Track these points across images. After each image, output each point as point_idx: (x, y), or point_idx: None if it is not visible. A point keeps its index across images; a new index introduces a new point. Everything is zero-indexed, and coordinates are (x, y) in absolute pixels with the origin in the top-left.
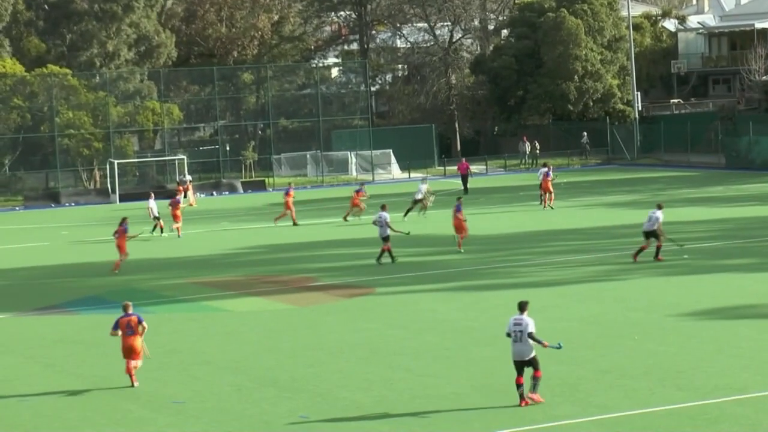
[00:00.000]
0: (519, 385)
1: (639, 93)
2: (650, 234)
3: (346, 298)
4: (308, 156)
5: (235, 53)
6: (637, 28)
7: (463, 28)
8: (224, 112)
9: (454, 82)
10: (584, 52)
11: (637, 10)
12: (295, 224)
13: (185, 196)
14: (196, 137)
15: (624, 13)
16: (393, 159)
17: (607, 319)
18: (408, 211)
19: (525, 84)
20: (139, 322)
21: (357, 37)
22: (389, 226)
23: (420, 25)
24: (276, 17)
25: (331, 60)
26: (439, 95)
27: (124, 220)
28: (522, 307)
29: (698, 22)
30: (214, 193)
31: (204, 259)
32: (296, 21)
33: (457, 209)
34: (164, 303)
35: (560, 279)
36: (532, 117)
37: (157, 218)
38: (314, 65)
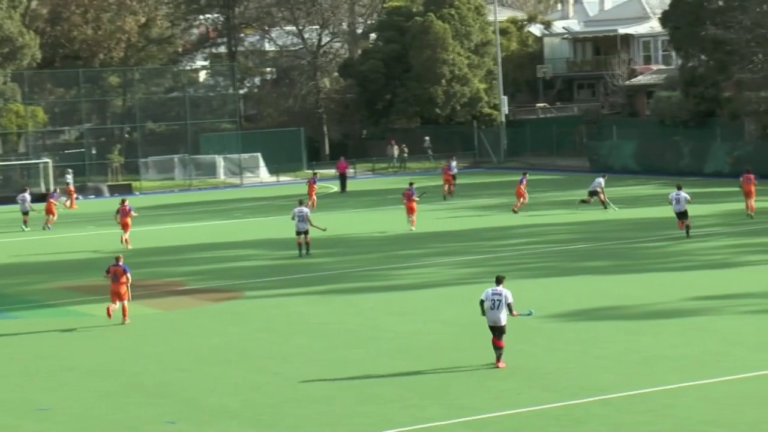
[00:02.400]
0: (497, 347)
1: (506, 97)
2: (683, 214)
3: (214, 302)
4: (176, 159)
5: (102, 55)
6: (503, 32)
7: (331, 31)
8: (90, 114)
9: (322, 85)
10: (452, 57)
11: (504, 15)
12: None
13: (58, 198)
14: (62, 140)
15: (491, 18)
16: (261, 162)
17: (475, 321)
18: (583, 201)
19: (393, 88)
20: (124, 272)
21: (225, 40)
22: (309, 221)
23: (288, 28)
24: (143, 19)
25: (199, 63)
26: (308, 99)
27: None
28: (499, 280)
29: (563, 27)
30: (80, 196)
31: (71, 264)
32: (163, 23)
33: (521, 182)
34: (30, 308)
35: (429, 282)
36: (400, 120)
37: (25, 213)
38: (182, 68)
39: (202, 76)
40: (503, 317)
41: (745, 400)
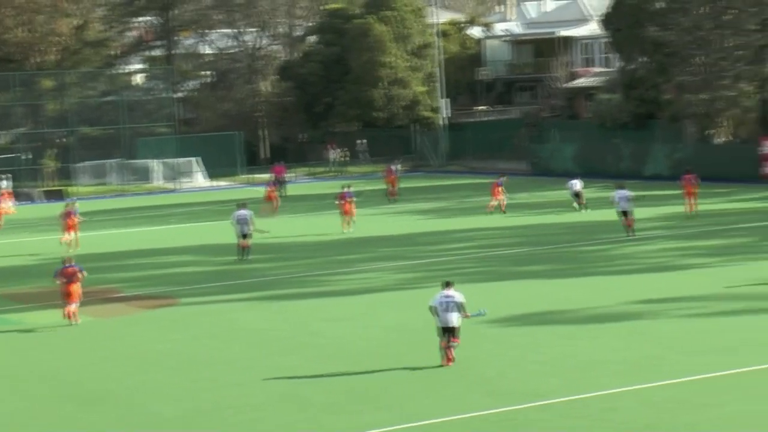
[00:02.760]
0: (443, 348)
1: (446, 100)
2: (628, 212)
3: (150, 309)
4: (111, 164)
5: (36, 59)
6: (443, 35)
7: (269, 34)
8: (24, 119)
9: (261, 88)
10: (391, 59)
11: (444, 18)
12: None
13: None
14: None
15: (431, 20)
16: (198, 167)
17: (415, 326)
18: (580, 204)
19: (332, 91)
20: (80, 271)
21: (162, 42)
22: (251, 225)
23: (226, 31)
24: (78, 22)
25: (136, 66)
26: (246, 102)
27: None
28: (448, 284)
29: (503, 30)
30: (15, 202)
31: (4, 271)
32: (99, 26)
33: (499, 183)
34: None
35: (368, 287)
36: (339, 124)
37: None
38: (118, 71)
39: (139, 79)
40: (455, 318)
41: (683, 404)
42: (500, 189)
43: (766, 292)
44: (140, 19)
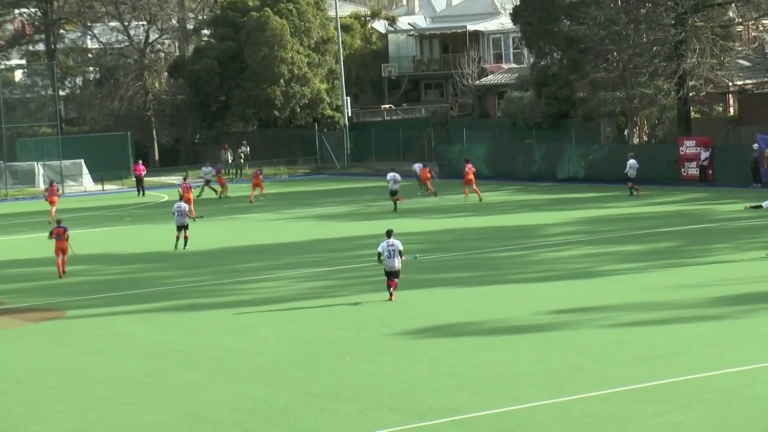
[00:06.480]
0: (389, 287)
1: (349, 98)
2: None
3: (34, 322)
4: None
5: None
6: (346, 29)
7: (159, 27)
8: None
9: (151, 86)
10: (290, 55)
11: (346, 10)
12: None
13: None
14: None
15: (332, 13)
16: (85, 169)
17: (318, 338)
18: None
19: (228, 88)
20: (65, 231)
21: (43, 36)
22: (188, 215)
23: (113, 24)
24: None
25: (15, 61)
26: (135, 100)
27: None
28: (389, 234)
29: (409, 24)
30: None
31: None
32: None
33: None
34: None
35: (268, 297)
36: (236, 123)
37: None
38: None
39: (18, 75)
40: (398, 263)
41: (605, 418)
42: (471, 175)
43: (689, 299)
44: (19, 10)
